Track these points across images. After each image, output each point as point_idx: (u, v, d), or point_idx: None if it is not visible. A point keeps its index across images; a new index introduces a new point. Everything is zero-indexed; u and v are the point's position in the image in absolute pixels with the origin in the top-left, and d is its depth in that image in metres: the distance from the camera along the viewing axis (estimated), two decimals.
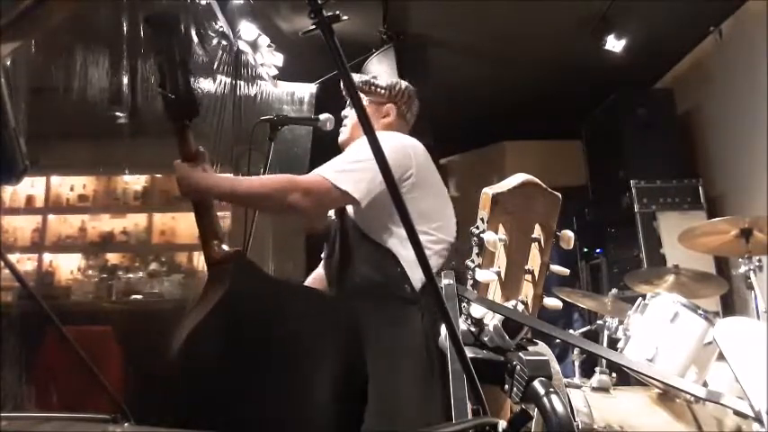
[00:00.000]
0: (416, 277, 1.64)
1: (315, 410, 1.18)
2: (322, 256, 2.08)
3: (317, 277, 2.04)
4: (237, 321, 1.17)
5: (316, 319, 1.28)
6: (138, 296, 4.53)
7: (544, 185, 1.06)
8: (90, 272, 4.79)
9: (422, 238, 1.68)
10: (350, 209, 1.77)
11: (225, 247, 1.27)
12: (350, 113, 1.98)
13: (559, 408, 0.78)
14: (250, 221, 1.97)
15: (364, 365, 1.26)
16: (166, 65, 1.24)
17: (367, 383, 1.24)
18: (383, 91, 1.94)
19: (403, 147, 1.76)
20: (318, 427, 1.18)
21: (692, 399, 2.31)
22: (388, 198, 1.66)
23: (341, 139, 1.97)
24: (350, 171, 1.63)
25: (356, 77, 1.99)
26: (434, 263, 1.68)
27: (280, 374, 1.16)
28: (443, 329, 0.88)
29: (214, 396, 1.09)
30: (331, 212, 1.90)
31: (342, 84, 1.95)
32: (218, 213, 1.39)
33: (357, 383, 1.23)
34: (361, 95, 1.94)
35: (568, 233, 1.05)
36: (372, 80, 1.96)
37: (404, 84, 1.99)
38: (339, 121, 2.05)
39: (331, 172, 1.64)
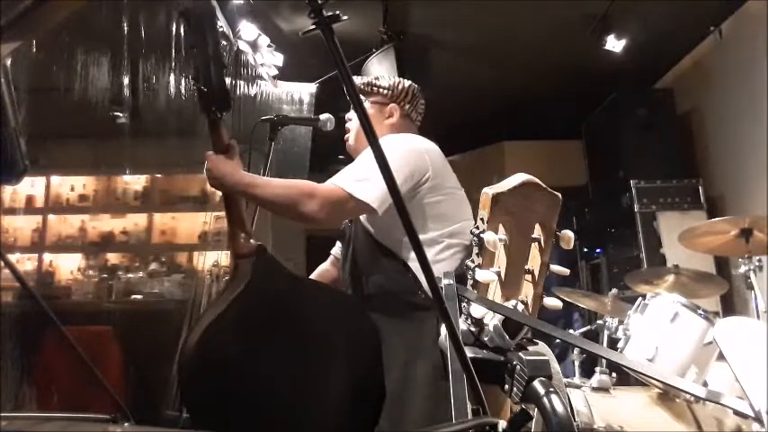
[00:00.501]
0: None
1: (328, 407, 1.19)
2: (331, 252, 2.07)
3: (322, 272, 2.03)
4: (257, 314, 1.18)
5: (335, 317, 1.29)
6: (138, 296, 4.54)
7: (544, 185, 1.06)
8: (90, 272, 4.80)
9: (447, 239, 1.69)
10: (362, 216, 1.76)
11: (252, 241, 1.28)
12: (353, 116, 1.95)
13: (559, 408, 0.78)
14: (250, 219, 1.96)
15: (379, 368, 1.27)
16: (201, 58, 1.27)
17: (381, 386, 1.24)
18: (385, 91, 1.90)
19: (418, 150, 1.74)
20: (332, 424, 1.18)
21: (692, 399, 2.31)
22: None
23: (348, 144, 1.95)
24: (367, 180, 1.60)
25: (357, 79, 1.95)
26: (451, 265, 1.66)
27: (295, 369, 1.17)
28: (443, 329, 0.88)
29: (232, 386, 1.10)
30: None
31: (343, 85, 1.94)
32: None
33: (372, 385, 1.24)
34: (363, 97, 1.91)
35: (568, 233, 1.05)
36: (374, 81, 1.92)
37: (407, 82, 1.95)
38: (339, 122, 2.04)
39: (349, 181, 1.61)
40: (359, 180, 1.61)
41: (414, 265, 1.65)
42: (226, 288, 1.22)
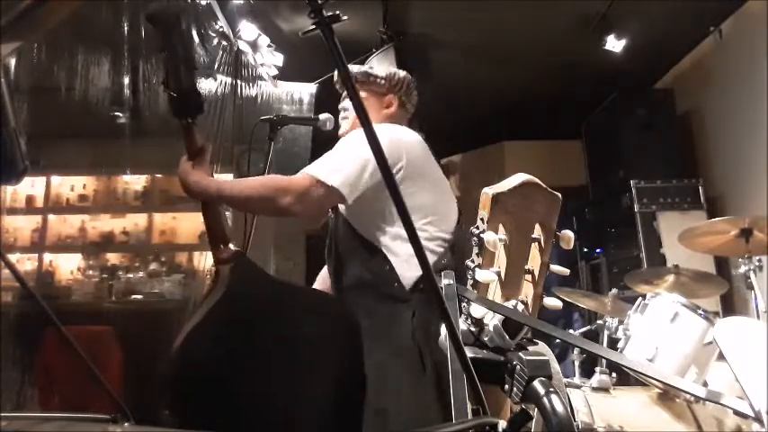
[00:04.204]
0: (407, 275, 1.61)
1: (310, 408, 1.19)
2: None
3: (325, 276, 2.02)
4: (237, 319, 1.18)
5: (316, 319, 1.28)
6: (138, 296, 4.53)
7: (544, 185, 1.06)
8: (90, 272, 4.80)
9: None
10: (342, 206, 1.75)
11: (231, 246, 1.27)
12: (349, 106, 1.93)
13: (559, 408, 0.78)
14: (250, 221, 1.97)
15: (360, 369, 1.27)
16: (169, 62, 1.24)
17: (362, 383, 1.24)
18: (382, 81, 1.91)
19: (393, 140, 1.71)
20: (314, 425, 1.18)
21: (692, 399, 2.31)
22: (377, 194, 1.63)
23: (341, 131, 1.95)
24: (336, 167, 1.60)
25: (354, 69, 1.95)
26: (429, 259, 1.64)
27: (278, 372, 1.16)
28: (443, 329, 0.88)
29: (210, 393, 1.10)
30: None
31: (341, 81, 1.94)
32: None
33: (354, 385, 1.24)
34: (359, 86, 1.90)
35: (568, 233, 1.05)
36: (370, 71, 1.92)
37: (402, 73, 1.95)
38: (338, 117, 2.04)
39: (318, 169, 1.61)
40: (328, 167, 1.61)
41: (391, 256, 1.64)
42: (207, 294, 1.22)
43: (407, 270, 1.61)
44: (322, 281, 2.02)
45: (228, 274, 1.22)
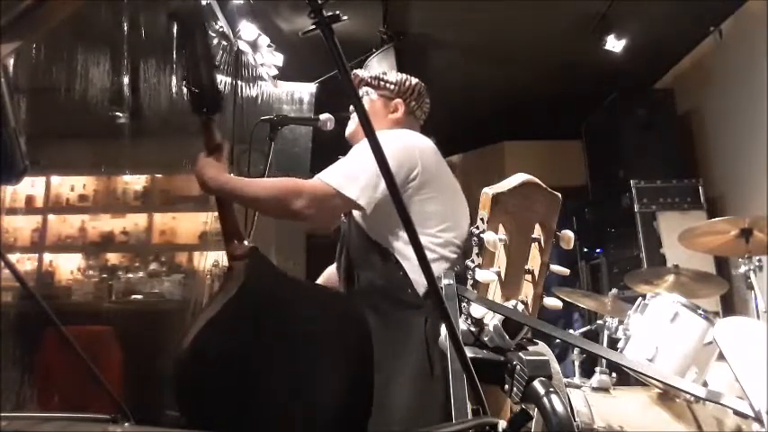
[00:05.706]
0: (420, 281, 1.61)
1: (321, 405, 1.19)
2: None
3: (330, 275, 2.02)
4: (250, 315, 1.18)
5: (328, 317, 1.29)
6: (138, 296, 4.54)
7: (544, 185, 1.06)
8: (90, 272, 4.80)
9: (427, 240, 1.66)
10: (355, 212, 1.75)
11: (246, 242, 1.28)
12: None
13: (559, 408, 0.78)
14: (251, 220, 1.97)
15: (370, 367, 1.27)
16: (190, 59, 1.26)
17: (372, 384, 1.25)
18: (392, 86, 1.90)
19: (409, 147, 1.71)
20: (325, 422, 1.19)
21: (692, 399, 2.31)
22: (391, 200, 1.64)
23: (348, 131, 1.94)
24: (355, 177, 1.59)
25: (365, 73, 1.96)
26: (441, 266, 1.63)
27: (289, 368, 1.17)
28: (443, 329, 0.88)
29: (228, 387, 1.11)
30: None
31: (342, 83, 1.94)
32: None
33: (364, 383, 1.24)
34: (370, 90, 1.91)
35: (568, 233, 1.05)
36: (382, 75, 1.93)
37: (414, 80, 1.94)
38: (339, 122, 2.04)
39: (336, 178, 1.60)
40: (346, 177, 1.60)
41: (405, 262, 1.63)
42: (220, 290, 1.22)
43: (420, 276, 1.60)
44: (326, 278, 2.02)
45: (243, 269, 1.23)
